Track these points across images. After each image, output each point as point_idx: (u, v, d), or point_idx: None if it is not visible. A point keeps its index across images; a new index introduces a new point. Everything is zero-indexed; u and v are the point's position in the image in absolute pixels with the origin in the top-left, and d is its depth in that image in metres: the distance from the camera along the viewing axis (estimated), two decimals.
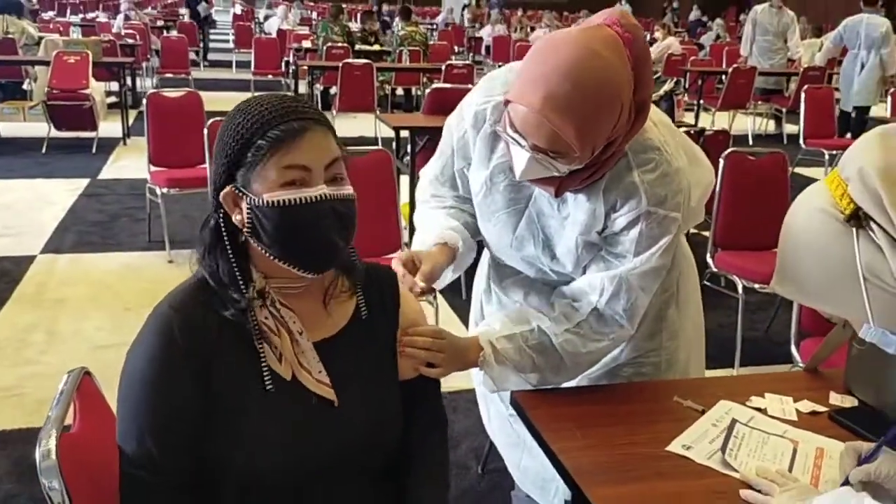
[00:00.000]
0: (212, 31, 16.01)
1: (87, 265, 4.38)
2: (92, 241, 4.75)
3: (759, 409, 1.47)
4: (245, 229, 1.16)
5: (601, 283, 1.48)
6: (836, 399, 1.52)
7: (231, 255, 1.17)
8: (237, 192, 1.15)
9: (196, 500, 1.16)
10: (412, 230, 4.91)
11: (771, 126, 9.75)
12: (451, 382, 3.04)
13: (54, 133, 7.11)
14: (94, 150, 7.04)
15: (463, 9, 20.03)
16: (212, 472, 1.16)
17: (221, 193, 1.16)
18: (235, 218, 1.16)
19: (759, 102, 9.40)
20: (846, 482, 1.16)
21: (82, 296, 3.92)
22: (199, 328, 1.16)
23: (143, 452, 1.13)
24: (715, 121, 8.96)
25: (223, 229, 1.17)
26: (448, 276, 1.66)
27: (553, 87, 1.26)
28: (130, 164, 6.60)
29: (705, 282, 3.66)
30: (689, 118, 8.69)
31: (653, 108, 1.49)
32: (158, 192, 4.36)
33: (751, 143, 8.55)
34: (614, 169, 1.43)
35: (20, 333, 3.47)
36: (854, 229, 0.99)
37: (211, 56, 14.64)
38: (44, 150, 6.96)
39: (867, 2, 7.91)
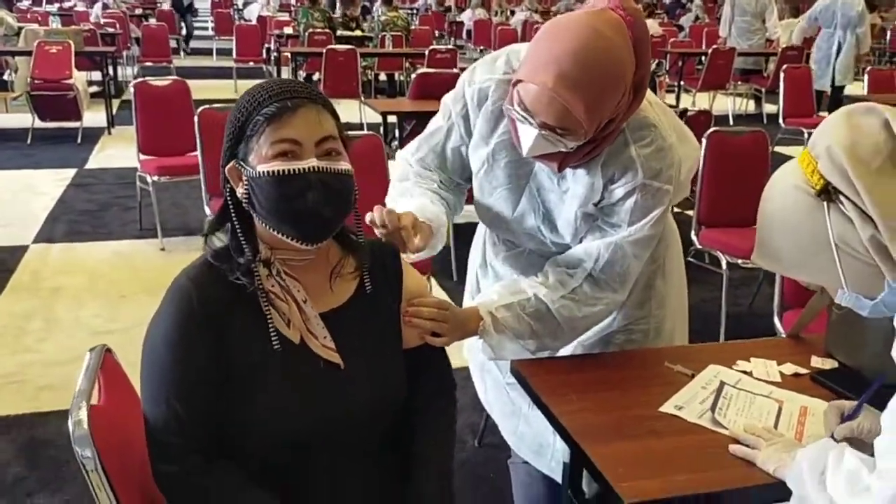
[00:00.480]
0: (194, 19, 15.69)
1: (80, 254, 4.41)
2: (83, 231, 4.78)
3: (745, 372, 1.56)
4: (244, 200, 1.23)
5: (597, 250, 1.57)
6: (817, 362, 1.62)
7: (237, 225, 1.25)
8: (238, 165, 1.23)
9: (220, 459, 1.23)
10: None
11: (751, 106, 9.87)
12: (458, 361, 3.14)
13: (38, 124, 7.11)
14: (79, 140, 7.04)
15: None
16: (231, 436, 1.24)
17: (227, 168, 1.24)
18: (239, 191, 1.24)
19: (739, 83, 9.50)
20: (831, 438, 1.25)
21: (78, 284, 3.96)
22: (214, 298, 1.23)
23: (170, 416, 1.20)
24: (696, 102, 9.08)
25: (230, 202, 1.25)
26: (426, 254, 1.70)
27: (564, 67, 1.34)
28: (117, 153, 6.61)
29: (690, 258, 3.76)
30: (670, 99, 8.80)
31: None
32: (149, 179, 4.39)
33: (731, 123, 8.66)
34: (612, 144, 1.52)
35: (18, 321, 3.51)
36: (825, 203, 1.07)
37: (192, 44, 14.47)
38: (29, 141, 6.95)
39: None
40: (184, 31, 14.43)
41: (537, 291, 1.58)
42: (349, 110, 7.99)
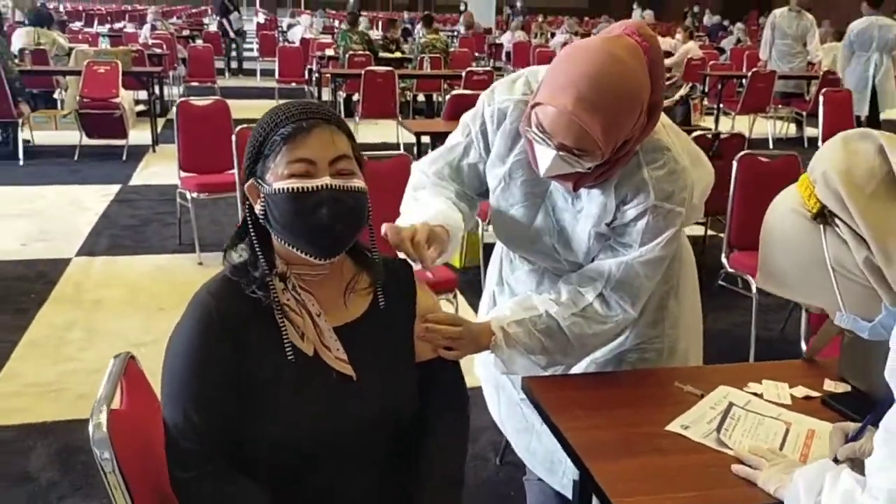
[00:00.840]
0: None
1: (121, 267, 4.54)
2: (125, 245, 4.92)
3: (755, 394, 1.57)
4: (260, 216, 1.29)
5: (608, 269, 1.60)
6: (830, 385, 1.61)
7: (255, 240, 1.30)
8: (256, 182, 1.28)
9: (234, 467, 1.28)
10: None
11: (792, 129, 9.76)
12: (471, 378, 3.17)
13: (86, 141, 7.33)
14: (124, 158, 7.24)
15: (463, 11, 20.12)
16: (247, 445, 1.28)
17: (246, 185, 1.30)
18: (256, 208, 1.29)
19: (780, 106, 9.41)
20: (835, 459, 1.26)
21: (118, 296, 4.08)
22: (232, 312, 1.29)
23: (188, 423, 1.25)
24: (735, 125, 9.00)
25: (248, 218, 1.31)
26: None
27: (583, 90, 1.39)
28: (160, 170, 6.79)
29: (721, 282, 3.75)
30: (708, 122, 8.75)
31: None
32: (189, 196, 4.52)
33: (771, 146, 8.58)
34: (626, 166, 1.55)
35: (59, 332, 3.63)
36: (821, 226, 1.10)
37: (234, 64, 14.63)
38: (76, 158, 7.17)
39: (873, 4, 7.90)
40: (234, 54, 14.48)
41: (549, 308, 1.61)
42: (387, 130, 8.11)
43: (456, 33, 17.93)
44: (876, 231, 1.04)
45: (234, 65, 14.41)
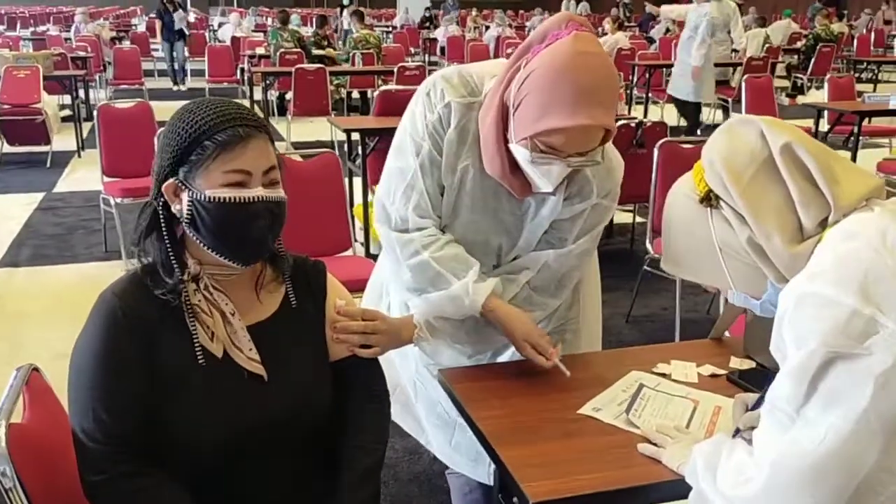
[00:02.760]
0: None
1: (45, 278, 4.42)
2: (49, 254, 4.78)
3: (663, 375, 1.61)
4: (184, 219, 1.27)
5: (543, 260, 1.65)
6: (735, 363, 1.67)
7: (167, 240, 1.28)
8: (179, 184, 1.26)
9: (148, 466, 1.26)
10: (367, 231, 4.94)
11: (719, 116, 9.99)
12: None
13: (7, 148, 7.11)
14: (48, 164, 7.04)
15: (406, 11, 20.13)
16: (158, 442, 1.27)
17: (164, 184, 1.27)
18: (175, 208, 1.27)
19: None
20: (737, 430, 1.31)
21: (42, 307, 3.97)
22: (139, 310, 1.27)
23: (96, 423, 1.23)
24: (664, 113, 9.17)
25: (161, 217, 1.28)
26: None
27: (600, 97, 1.40)
28: (86, 176, 6.60)
29: (647, 267, 3.83)
30: (638, 111, 8.91)
31: None
32: (112, 202, 4.41)
33: (699, 133, 8.77)
34: None
35: None
36: (708, 209, 1.16)
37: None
38: None
39: None
40: (176, 63, 12.53)
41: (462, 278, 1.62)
42: (320, 128, 8.04)
43: (391, 28, 17.90)
44: (755, 211, 1.09)
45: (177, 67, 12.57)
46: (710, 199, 1.15)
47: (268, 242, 1.31)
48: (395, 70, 8.04)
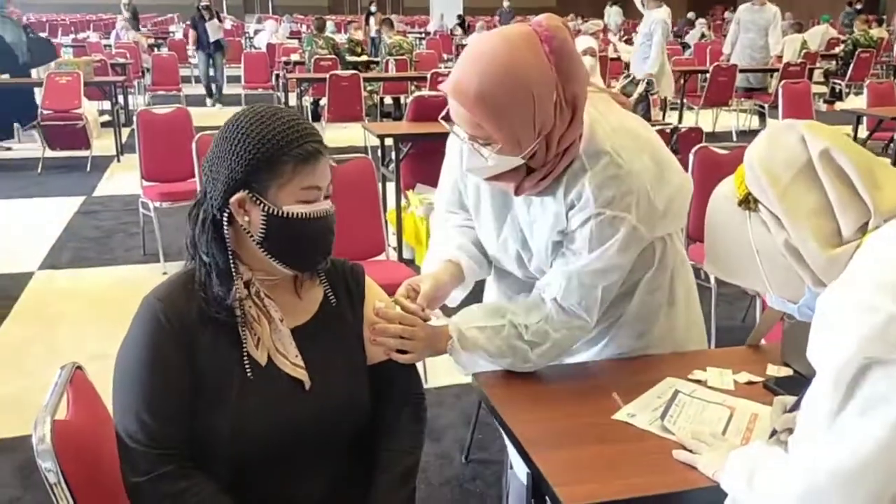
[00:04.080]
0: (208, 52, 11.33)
1: (84, 280, 4.51)
2: (88, 257, 4.88)
3: (698, 382, 1.59)
4: (258, 234, 1.28)
5: (559, 277, 1.57)
6: (772, 370, 1.65)
7: (230, 250, 1.30)
8: (253, 198, 1.27)
9: (190, 469, 1.28)
10: (400, 236, 4.98)
11: (755, 122, 9.89)
12: (438, 379, 3.19)
13: (49, 153, 7.26)
14: (88, 169, 7.18)
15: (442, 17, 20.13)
16: (202, 446, 1.29)
17: (235, 196, 1.27)
18: (243, 219, 1.28)
19: (743, 99, 9.53)
20: (774, 431, 1.31)
21: (80, 309, 4.05)
22: (182, 315, 1.29)
23: (139, 425, 1.25)
24: (699, 119, 9.10)
25: (224, 226, 1.28)
26: (458, 294, 1.77)
27: (461, 73, 1.41)
28: (125, 180, 6.72)
29: None
30: (673, 117, 8.84)
31: (615, 115, 1.59)
32: (151, 206, 4.49)
33: (735, 139, 8.67)
34: (571, 172, 1.53)
35: (21, 346, 3.60)
36: (747, 212, 1.16)
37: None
38: (39, 170, 7.10)
39: None
40: (214, 83, 11.46)
41: (514, 318, 1.58)
42: (354, 134, 8.10)
43: (424, 35, 17.97)
44: (792, 214, 1.09)
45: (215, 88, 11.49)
46: (748, 202, 1.16)
47: (331, 251, 1.37)
48: (429, 76, 8.07)
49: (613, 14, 13.97)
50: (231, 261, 1.29)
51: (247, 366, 1.30)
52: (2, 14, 7.88)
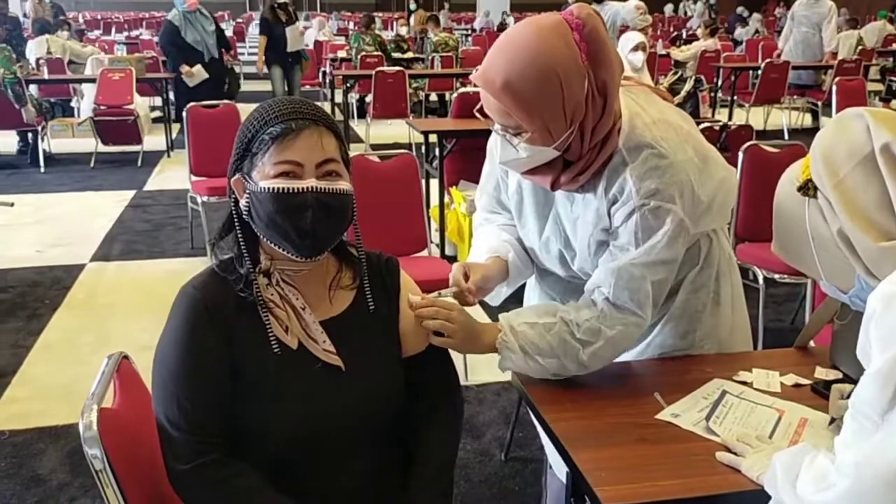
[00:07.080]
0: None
1: (134, 272, 4.61)
2: (138, 249, 4.98)
3: (745, 383, 1.56)
4: (244, 212, 1.31)
5: (605, 277, 1.53)
6: (821, 373, 1.60)
7: (240, 235, 1.32)
8: (242, 178, 1.31)
9: (231, 456, 1.30)
10: (443, 233, 4.98)
11: (807, 120, 9.67)
12: (478, 376, 3.19)
13: (102, 148, 7.43)
14: (139, 164, 7.33)
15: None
16: (238, 432, 1.31)
17: (232, 180, 1.32)
18: (242, 203, 1.32)
19: (795, 97, 9.31)
20: (832, 419, 1.35)
21: (130, 300, 4.14)
22: (218, 303, 1.31)
23: (181, 414, 1.27)
24: (749, 117, 8.93)
25: (234, 213, 1.33)
26: (503, 291, 1.76)
27: (489, 62, 1.41)
28: (174, 175, 6.86)
29: None
30: (723, 115, 8.69)
31: (655, 108, 1.56)
32: (199, 200, 4.56)
33: (786, 137, 8.49)
34: (611, 167, 1.51)
35: (73, 336, 3.69)
36: (805, 198, 1.17)
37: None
38: (92, 165, 7.28)
39: None
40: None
41: (565, 315, 1.54)
42: (399, 130, 8.14)
43: (470, 31, 17.94)
44: (846, 204, 1.10)
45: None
46: (807, 188, 1.17)
47: (325, 234, 1.30)
48: (474, 73, 8.05)
49: (666, 11, 13.73)
50: (242, 244, 1.32)
51: (274, 347, 1.31)
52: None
